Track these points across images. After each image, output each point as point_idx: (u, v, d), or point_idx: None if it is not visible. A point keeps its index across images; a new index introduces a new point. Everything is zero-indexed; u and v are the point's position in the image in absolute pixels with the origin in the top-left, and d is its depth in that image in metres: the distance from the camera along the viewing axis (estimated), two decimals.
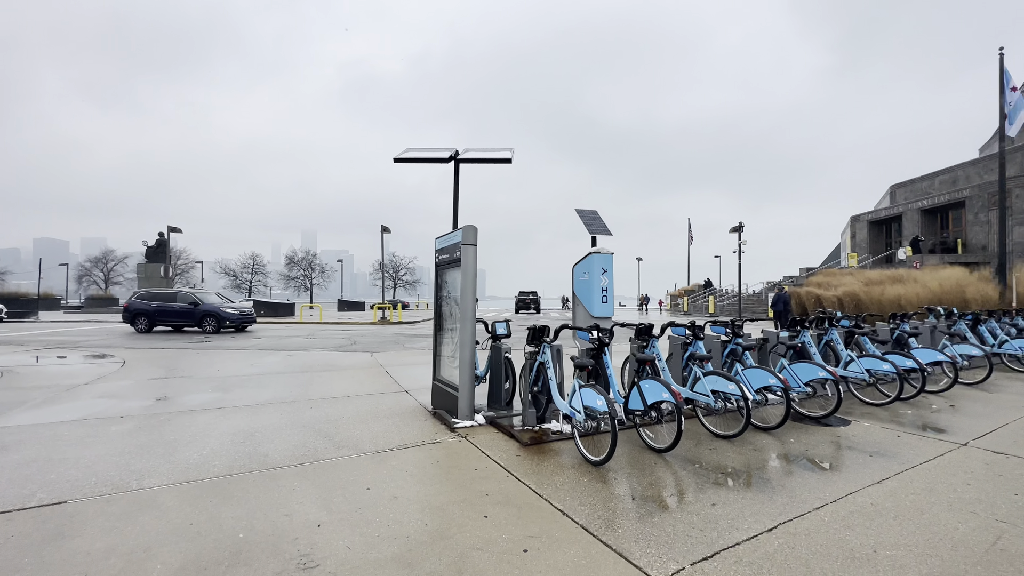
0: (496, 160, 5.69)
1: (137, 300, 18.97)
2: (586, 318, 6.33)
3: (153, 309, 18.40)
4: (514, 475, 3.73)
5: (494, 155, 5.64)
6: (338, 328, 21.49)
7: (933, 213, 29.98)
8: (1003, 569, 2.44)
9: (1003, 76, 17.25)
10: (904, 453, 4.22)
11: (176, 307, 18.42)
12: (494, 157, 5.64)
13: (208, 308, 18.29)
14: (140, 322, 18.29)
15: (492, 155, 5.65)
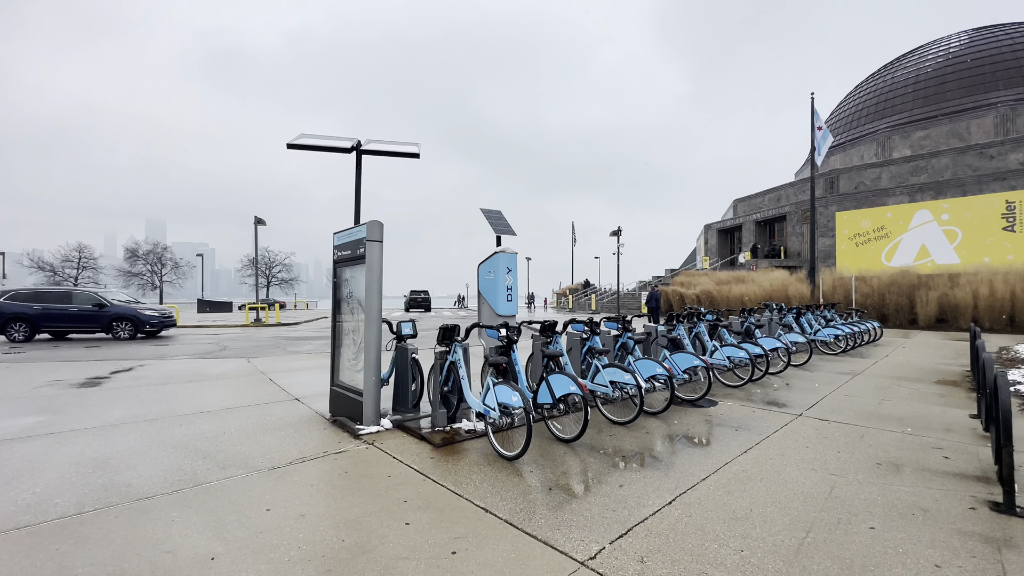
0: (402, 154, 5.45)
1: (8, 302, 14.76)
2: (492, 316, 6.43)
3: (37, 313, 14.83)
4: (431, 478, 3.66)
5: (400, 148, 5.40)
6: (202, 332, 18.85)
7: (764, 224, 35.97)
8: (839, 512, 3.05)
9: (813, 116, 21.36)
10: (759, 426, 5.03)
11: (74, 310, 15.14)
12: (400, 151, 5.40)
13: (122, 310, 15.45)
14: (15, 329, 14.64)
15: (397, 148, 5.41)
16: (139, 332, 15.69)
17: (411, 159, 5.44)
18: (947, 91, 32.03)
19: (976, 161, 25.71)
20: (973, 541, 2.69)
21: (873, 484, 3.50)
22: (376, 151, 5.51)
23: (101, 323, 15.31)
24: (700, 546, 2.65)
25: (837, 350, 10.67)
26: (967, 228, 24.09)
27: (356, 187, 5.40)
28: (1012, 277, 15.87)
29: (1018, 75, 29.84)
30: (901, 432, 4.77)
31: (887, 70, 37.82)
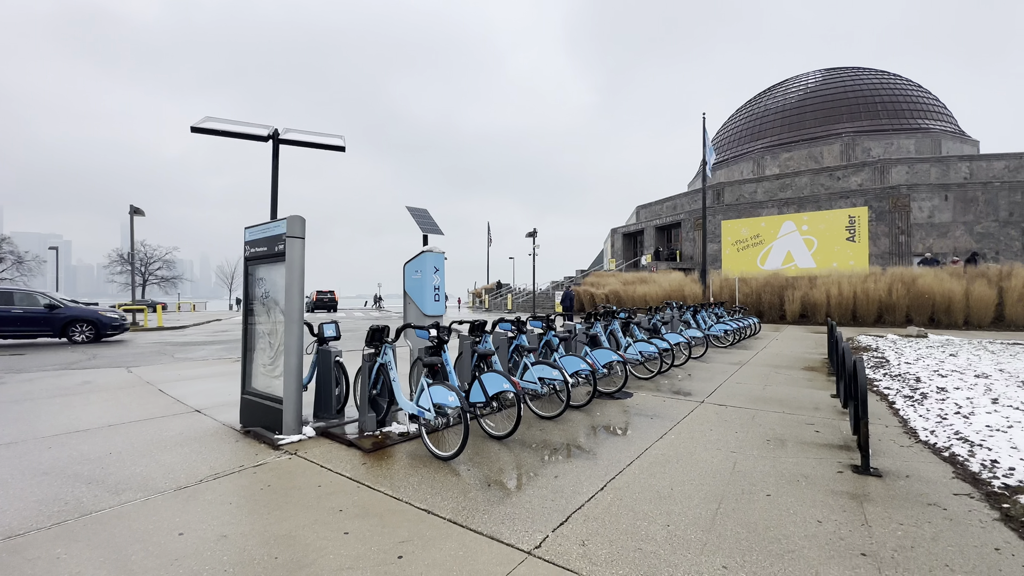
0: (326, 146, 5.11)
1: None
2: (419, 316, 6.32)
3: None
4: (365, 484, 3.53)
5: (323, 140, 5.06)
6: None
7: (663, 230, 39.27)
8: (742, 484, 3.49)
9: (705, 134, 23.80)
10: (671, 413, 5.54)
11: (18, 312, 13.46)
12: (324, 143, 5.06)
13: (78, 312, 14.09)
14: None
15: (321, 140, 5.07)
16: (102, 336, 14.37)
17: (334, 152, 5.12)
18: (805, 120, 37.49)
19: (827, 181, 30.41)
20: (843, 499, 3.24)
21: (766, 458, 4.04)
22: (297, 141, 5.09)
23: (54, 325, 13.73)
24: (632, 525, 2.89)
25: (727, 343, 12.03)
26: (821, 238, 28.41)
27: (272, 179, 4.95)
28: (854, 280, 19.06)
29: (857, 111, 35.83)
30: (782, 412, 5.55)
31: (760, 98, 43.25)
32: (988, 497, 3.24)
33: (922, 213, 25.90)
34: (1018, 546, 2.63)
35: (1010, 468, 3.61)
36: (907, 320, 17.34)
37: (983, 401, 5.61)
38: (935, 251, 25.02)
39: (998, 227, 25.01)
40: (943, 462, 3.92)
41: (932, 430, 4.69)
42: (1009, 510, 3.03)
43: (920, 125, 34.55)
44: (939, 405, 5.56)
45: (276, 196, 5.06)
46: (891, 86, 37.31)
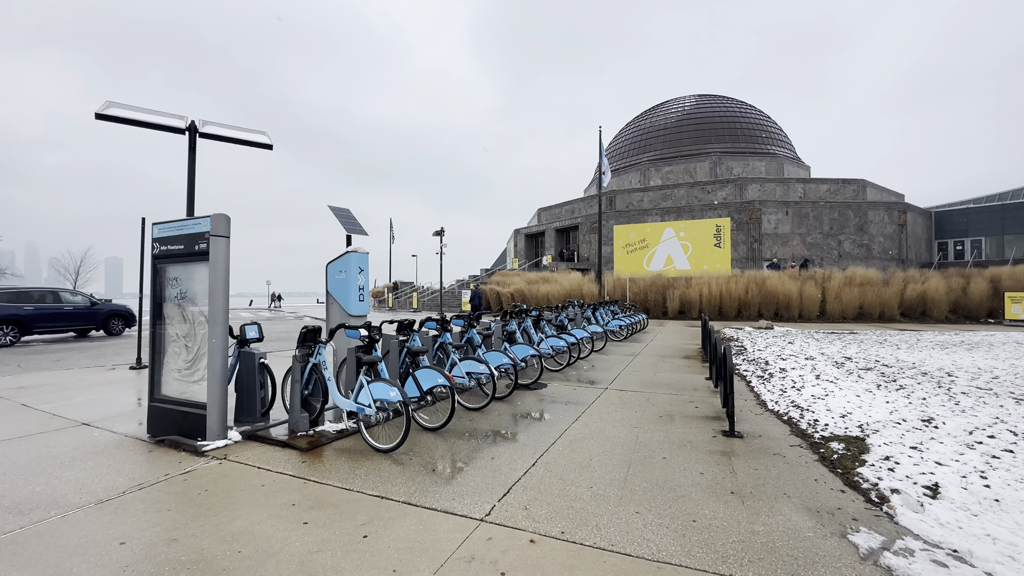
0: (250, 143, 4.89)
1: None
2: (342, 316, 6.33)
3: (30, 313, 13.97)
4: (312, 480, 3.65)
5: (248, 136, 4.84)
6: None
7: (563, 232, 41.68)
8: (644, 451, 4.25)
9: (600, 145, 25.89)
10: (582, 399, 6.29)
11: (68, 308, 15.02)
12: (248, 139, 4.84)
13: (115, 308, 16.43)
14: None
15: (246, 136, 4.83)
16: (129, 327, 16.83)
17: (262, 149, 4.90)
18: (683, 139, 42.37)
19: (700, 194, 34.79)
20: (717, 456, 4.14)
21: (660, 430, 4.89)
22: (218, 136, 4.75)
23: (97, 320, 15.70)
24: (563, 490, 3.44)
25: (622, 337, 13.44)
26: (695, 243, 32.44)
27: (189, 174, 4.59)
28: (720, 281, 22.24)
29: (723, 134, 41.39)
30: (670, 394, 6.59)
31: (647, 115, 47.87)
32: (812, 446, 4.37)
33: (770, 225, 30.87)
34: (829, 476, 3.67)
35: (825, 424, 4.86)
36: (759, 314, 20.71)
37: (810, 378, 7.21)
38: (779, 257, 30.03)
39: (823, 238, 30.78)
40: (783, 424, 5.11)
41: (776, 401, 5.99)
42: (825, 453, 4.14)
43: (769, 150, 40.99)
44: (781, 382, 7.04)
45: (193, 192, 4.71)
46: (748, 115, 43.70)
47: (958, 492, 3.22)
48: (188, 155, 4.63)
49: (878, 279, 20.55)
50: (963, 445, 4.15)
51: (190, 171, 4.62)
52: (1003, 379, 7.11)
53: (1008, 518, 2.88)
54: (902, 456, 3.88)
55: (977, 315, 19.24)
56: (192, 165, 4.62)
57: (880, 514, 3.06)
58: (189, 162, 4.61)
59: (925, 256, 35.37)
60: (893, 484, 3.38)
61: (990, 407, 5.47)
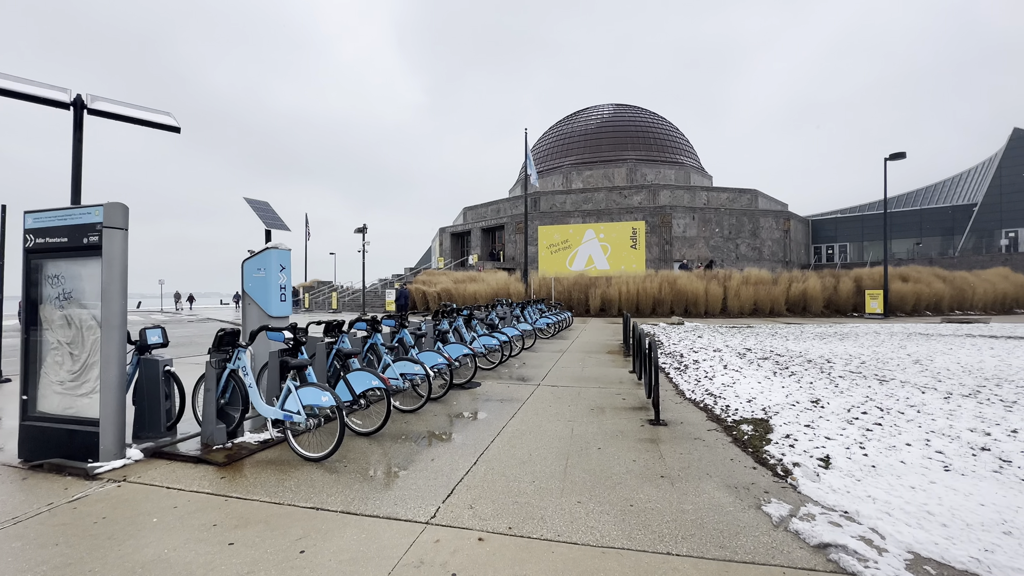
0: (155, 125, 4.28)
1: None
2: (262, 318, 5.86)
3: None
4: (235, 496, 3.34)
5: (150, 116, 4.22)
6: None
7: (489, 231, 41.89)
8: (579, 443, 4.42)
9: (527, 147, 26.39)
10: (517, 396, 6.38)
11: None
12: (153, 120, 4.22)
13: None
14: None
15: (147, 116, 4.22)
16: None
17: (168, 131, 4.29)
18: (602, 144, 44.49)
19: (618, 198, 36.76)
20: (645, 443, 4.42)
21: (593, 422, 5.11)
22: (112, 114, 4.09)
23: None
24: (507, 486, 3.48)
25: (549, 334, 13.82)
26: (614, 245, 34.22)
27: (74, 156, 3.89)
28: (637, 280, 23.69)
29: (638, 142, 44.05)
30: (598, 387, 6.91)
31: (569, 120, 49.60)
32: (725, 429, 4.82)
33: (679, 228, 33.44)
34: (742, 455, 4.07)
35: (735, 409, 5.38)
36: (671, 311, 22.36)
37: (719, 368, 7.93)
38: (688, 258, 32.63)
39: (723, 241, 33.96)
40: (700, 410, 5.57)
41: (692, 390, 6.52)
42: (737, 435, 4.59)
43: (678, 159, 44.36)
44: (695, 373, 7.67)
45: (79, 177, 4.00)
46: (661, 126, 46.94)
47: (844, 461, 3.74)
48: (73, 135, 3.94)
49: (769, 279, 23.11)
50: (844, 421, 4.81)
51: (76, 154, 3.92)
52: (868, 363, 8.34)
53: (883, 480, 3.40)
54: (799, 434, 4.41)
55: (845, 309, 22.36)
56: (78, 146, 3.93)
57: (786, 485, 3.46)
58: (75, 143, 3.91)
59: (804, 259, 40.38)
60: (794, 458, 3.84)
61: (861, 388, 6.40)
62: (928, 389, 6.28)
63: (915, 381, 6.80)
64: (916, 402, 5.57)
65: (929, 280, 22.86)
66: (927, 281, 22.74)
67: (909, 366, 8.04)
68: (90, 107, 4.09)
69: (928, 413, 5.09)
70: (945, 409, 5.25)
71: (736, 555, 2.59)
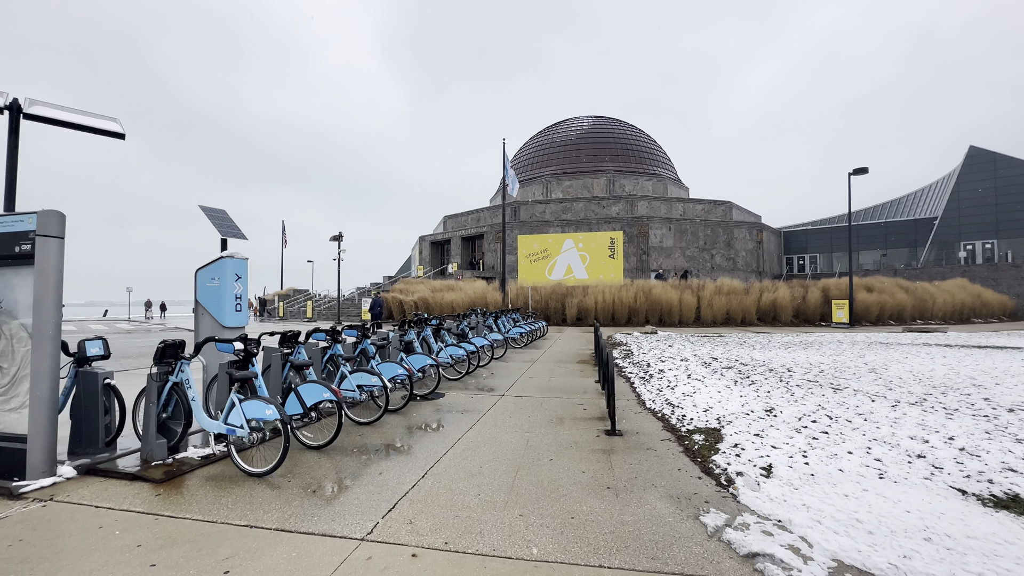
0: (98, 131, 4.16)
1: None
2: (215, 328, 5.74)
3: None
4: (166, 515, 3.22)
5: (94, 122, 4.11)
6: None
7: (468, 240, 41.86)
8: (533, 455, 4.41)
9: (504, 157, 26.56)
10: (478, 407, 6.35)
11: None
12: (95, 126, 4.11)
13: None
14: None
15: (90, 122, 4.10)
16: None
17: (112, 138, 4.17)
18: (582, 155, 45.07)
19: (596, 208, 37.20)
20: (598, 454, 4.43)
21: (550, 433, 5.12)
22: (52, 120, 3.96)
23: None
24: (451, 500, 3.44)
25: (522, 344, 13.82)
26: (592, 254, 34.54)
27: (9, 161, 3.73)
28: (613, 290, 23.93)
29: (616, 154, 44.77)
30: (562, 398, 6.92)
31: (549, 131, 50.16)
32: (679, 439, 4.87)
33: (656, 239, 33.98)
34: (690, 465, 4.12)
35: (691, 419, 5.45)
36: (646, 320, 22.62)
37: (683, 377, 8.03)
38: (664, 268, 33.13)
39: (699, 252, 34.61)
40: (657, 420, 5.63)
41: (653, 400, 6.59)
42: (688, 445, 4.64)
43: (656, 171, 45.19)
44: (659, 382, 7.76)
45: (14, 183, 3.84)
46: (639, 138, 47.82)
47: (785, 470, 3.81)
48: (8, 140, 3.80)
49: (741, 289, 23.61)
50: (793, 430, 4.92)
51: (10, 159, 3.78)
52: (827, 372, 8.56)
53: (819, 489, 3.47)
54: (747, 443, 4.49)
55: (813, 319, 22.97)
56: (13, 152, 3.79)
57: (727, 495, 3.51)
58: (9, 148, 3.77)
59: (777, 269, 41.40)
60: (738, 468, 3.90)
61: (815, 396, 6.56)
62: (878, 397, 6.47)
63: (867, 390, 7.00)
64: (865, 410, 5.73)
65: (892, 291, 23.67)
66: (890, 292, 23.54)
67: (864, 375, 8.28)
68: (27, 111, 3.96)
69: (874, 421, 5.24)
70: (891, 417, 5.42)
71: (667, 566, 2.61)
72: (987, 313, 25.12)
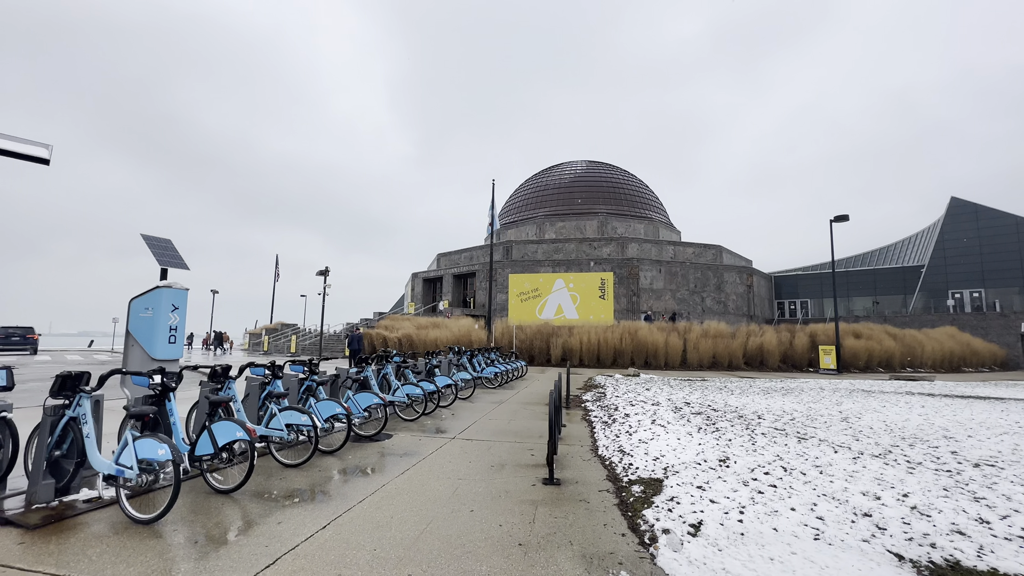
0: (21, 156, 4.12)
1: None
2: (145, 361, 5.52)
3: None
4: (15, 567, 2.91)
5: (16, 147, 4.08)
6: None
7: (460, 278, 41.92)
8: (455, 504, 4.10)
9: (493, 196, 26.98)
10: (422, 450, 6.02)
11: None
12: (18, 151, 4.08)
13: None
14: None
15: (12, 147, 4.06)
16: None
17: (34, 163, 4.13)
18: (574, 198, 45.92)
19: (588, 249, 37.50)
20: (525, 505, 4.12)
21: (484, 480, 4.80)
22: None
23: None
24: (341, 555, 3.13)
25: (495, 384, 13.46)
26: (583, 295, 34.49)
27: None
28: (599, 330, 23.69)
29: (608, 197, 45.64)
30: (513, 442, 6.60)
31: (544, 174, 51.36)
32: (618, 490, 4.56)
33: (646, 280, 34.05)
34: (618, 520, 3.81)
35: (637, 468, 5.15)
36: (632, 362, 22.25)
37: (646, 422, 7.72)
38: (653, 310, 33.01)
39: (689, 294, 34.61)
40: (604, 468, 5.32)
41: (607, 445, 6.28)
42: (624, 497, 4.34)
43: (647, 215, 45.94)
44: (619, 427, 7.44)
45: None
46: (631, 183, 48.92)
47: (715, 528, 3.52)
48: None
49: (727, 332, 23.39)
50: (740, 482, 4.62)
51: None
52: (797, 420, 8.25)
53: (744, 551, 3.18)
54: (685, 496, 4.19)
55: (801, 364, 22.62)
56: None
57: (645, 555, 3.21)
58: None
59: (768, 313, 41.31)
60: (667, 524, 3.60)
61: (777, 446, 6.25)
62: (842, 448, 6.17)
63: (834, 439, 6.70)
64: (824, 462, 5.44)
65: (880, 337, 23.47)
66: (878, 338, 23.33)
67: (836, 423, 7.97)
68: None
69: (829, 474, 4.95)
70: (849, 470, 5.12)
71: None
72: (977, 362, 24.81)
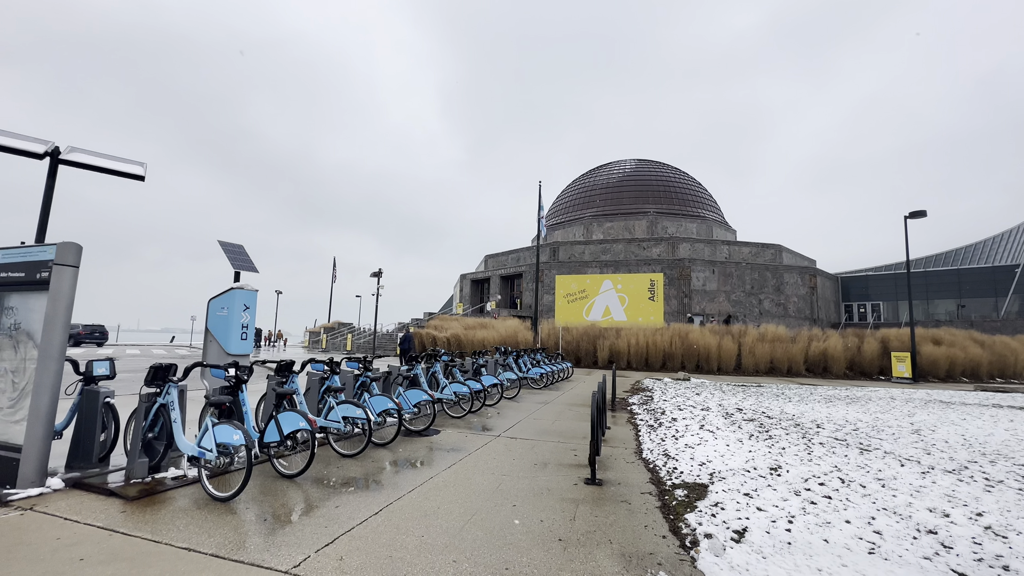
0: (121, 173, 4.75)
1: None
2: (221, 355, 6.09)
3: None
4: (120, 532, 3.36)
5: (118, 166, 4.71)
6: None
7: (508, 279, 42.34)
8: (498, 499, 4.25)
9: (540, 198, 27.08)
10: (468, 446, 6.23)
11: None
12: (120, 170, 4.71)
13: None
14: None
15: (114, 165, 4.71)
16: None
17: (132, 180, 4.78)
18: (623, 198, 45.12)
19: (637, 250, 36.75)
20: (565, 503, 4.21)
21: (527, 478, 4.92)
22: (83, 164, 4.60)
23: None
24: (392, 539, 3.36)
25: (541, 385, 13.56)
26: (631, 296, 33.85)
27: (44, 202, 4.34)
28: (647, 333, 23.17)
29: (659, 196, 44.49)
30: (556, 442, 6.67)
31: (591, 174, 50.83)
32: (661, 493, 4.54)
33: (698, 282, 32.89)
34: (660, 522, 3.81)
35: (681, 472, 5.08)
36: (682, 366, 21.60)
37: (694, 427, 7.55)
38: (706, 312, 31.83)
39: (745, 296, 33.07)
40: (647, 471, 5.29)
41: (651, 449, 6.22)
42: (668, 500, 4.32)
43: (700, 213, 44.34)
44: (665, 431, 7.33)
45: (46, 219, 4.44)
46: (683, 181, 47.42)
47: (760, 535, 3.45)
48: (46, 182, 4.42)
49: (787, 336, 22.16)
50: (792, 492, 4.46)
51: (46, 198, 4.39)
52: (861, 430, 7.76)
53: (790, 559, 3.10)
54: (731, 502, 4.11)
55: (870, 372, 21.03)
56: (50, 192, 4.40)
57: (685, 558, 3.20)
58: (46, 189, 4.38)
59: (835, 316, 38.66)
60: (709, 529, 3.57)
61: (836, 456, 5.94)
62: (910, 461, 5.77)
63: (901, 452, 6.26)
64: (887, 475, 5.12)
65: (964, 344, 21.37)
66: (962, 345, 21.26)
67: (905, 435, 7.43)
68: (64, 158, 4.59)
69: (893, 488, 4.67)
70: (915, 484, 4.80)
71: None
72: None
